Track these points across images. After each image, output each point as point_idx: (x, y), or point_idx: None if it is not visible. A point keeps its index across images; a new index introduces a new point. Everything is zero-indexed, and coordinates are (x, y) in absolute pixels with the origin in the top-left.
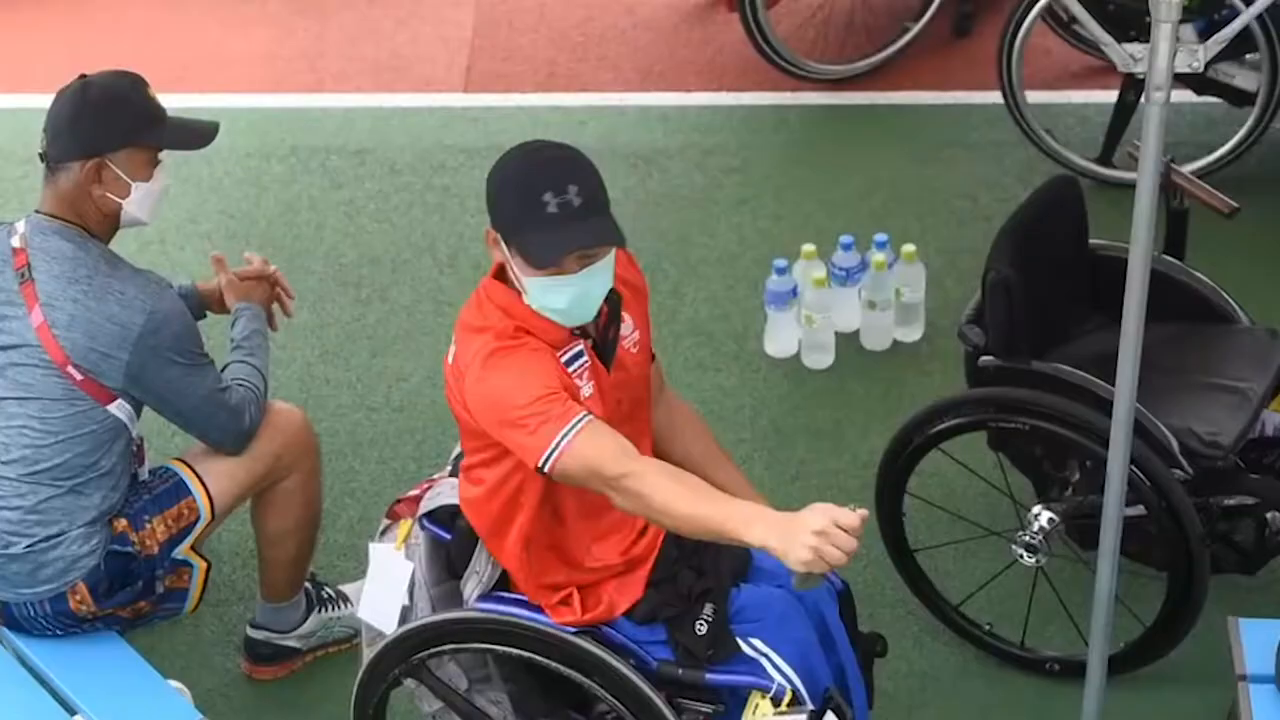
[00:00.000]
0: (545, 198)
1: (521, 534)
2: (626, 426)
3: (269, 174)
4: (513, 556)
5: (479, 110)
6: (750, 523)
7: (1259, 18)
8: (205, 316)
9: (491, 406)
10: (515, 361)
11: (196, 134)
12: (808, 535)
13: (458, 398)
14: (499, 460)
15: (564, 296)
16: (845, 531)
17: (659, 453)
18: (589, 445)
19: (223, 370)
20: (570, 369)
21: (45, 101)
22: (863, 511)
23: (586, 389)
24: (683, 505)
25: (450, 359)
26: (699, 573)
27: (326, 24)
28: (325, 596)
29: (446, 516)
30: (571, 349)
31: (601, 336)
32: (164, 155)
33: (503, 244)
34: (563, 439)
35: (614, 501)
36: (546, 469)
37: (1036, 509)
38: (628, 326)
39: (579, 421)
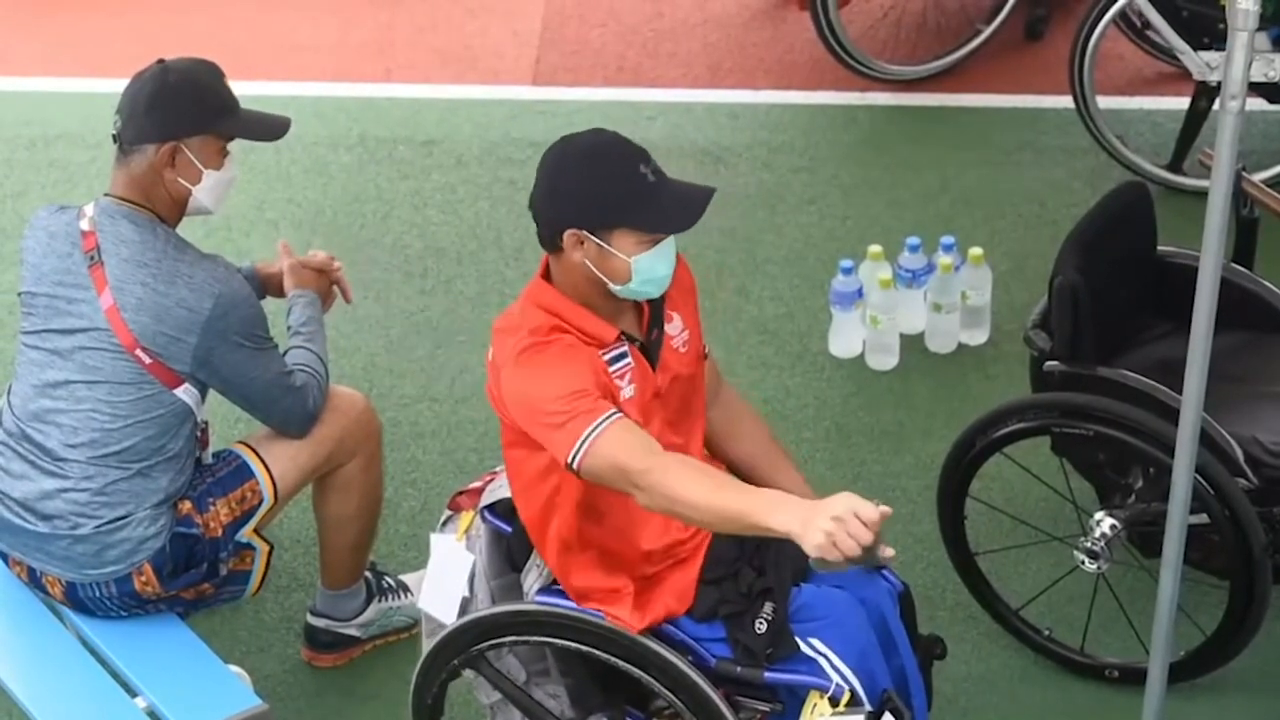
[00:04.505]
0: (642, 170)
1: (559, 536)
2: (674, 428)
3: (336, 163)
4: (552, 555)
5: (547, 103)
6: (775, 509)
7: None
8: (264, 298)
9: (523, 403)
10: (547, 358)
11: (270, 127)
12: (825, 520)
13: (495, 394)
14: (535, 457)
15: (667, 260)
16: (864, 524)
17: (716, 452)
18: (615, 441)
19: (283, 356)
20: (612, 369)
21: (114, 86)
22: (885, 509)
23: (627, 390)
24: (706, 496)
25: (490, 356)
26: (760, 571)
27: (396, 14)
28: (385, 585)
29: (508, 509)
30: (615, 349)
31: (646, 337)
32: (231, 145)
33: (594, 237)
34: (590, 434)
35: (639, 500)
36: (575, 465)
37: (1099, 515)
38: (675, 326)
39: (607, 418)
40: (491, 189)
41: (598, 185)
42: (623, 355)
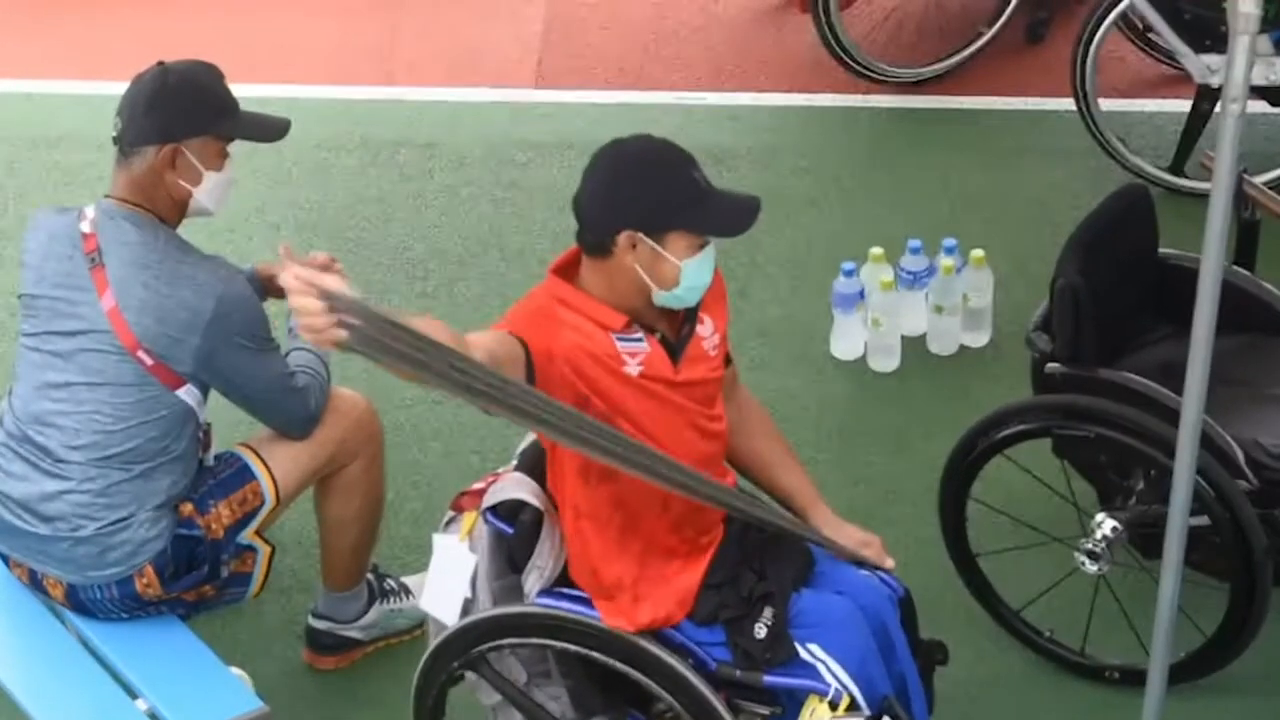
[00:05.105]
0: (694, 175)
1: (571, 504)
2: (692, 427)
3: (338, 166)
4: (568, 526)
5: (549, 106)
6: None
7: None
8: (265, 299)
9: None
10: (519, 310)
11: (269, 128)
12: None
13: None
14: None
15: (710, 267)
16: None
17: (728, 447)
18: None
19: (285, 357)
20: (621, 345)
21: (116, 89)
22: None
23: (633, 368)
24: None
25: None
26: (760, 576)
27: (399, 16)
28: (387, 588)
29: (509, 511)
30: (629, 332)
31: (676, 334)
32: (233, 147)
33: (648, 240)
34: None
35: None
36: None
37: (1100, 517)
38: (707, 328)
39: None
40: (493, 191)
41: (655, 188)
42: (637, 339)
